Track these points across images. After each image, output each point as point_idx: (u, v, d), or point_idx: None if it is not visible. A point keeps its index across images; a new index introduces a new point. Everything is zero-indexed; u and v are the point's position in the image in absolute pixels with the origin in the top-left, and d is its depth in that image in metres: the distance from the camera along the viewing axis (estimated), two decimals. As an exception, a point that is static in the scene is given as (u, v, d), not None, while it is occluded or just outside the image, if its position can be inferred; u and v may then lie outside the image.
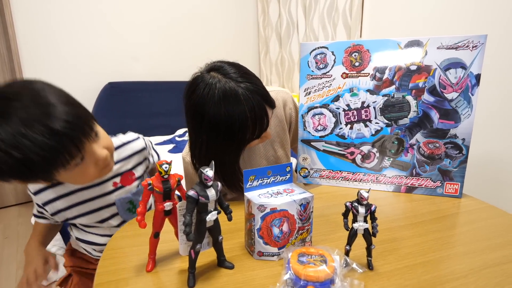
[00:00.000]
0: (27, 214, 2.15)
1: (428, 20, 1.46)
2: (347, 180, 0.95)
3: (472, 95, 0.84)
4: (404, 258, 0.60)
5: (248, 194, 0.60)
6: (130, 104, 2.10)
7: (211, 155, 0.75)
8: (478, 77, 0.83)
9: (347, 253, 0.56)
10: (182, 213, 0.50)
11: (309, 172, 0.98)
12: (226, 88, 0.68)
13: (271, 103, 0.77)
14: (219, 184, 0.52)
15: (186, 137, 2.04)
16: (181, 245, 0.53)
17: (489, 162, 1.20)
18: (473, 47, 0.82)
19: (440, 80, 0.85)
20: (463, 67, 0.84)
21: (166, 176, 0.52)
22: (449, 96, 0.85)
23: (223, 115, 0.68)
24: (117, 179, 0.79)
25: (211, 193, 0.49)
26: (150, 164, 0.90)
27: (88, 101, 2.02)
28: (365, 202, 0.53)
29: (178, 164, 1.58)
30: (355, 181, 0.95)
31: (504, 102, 1.19)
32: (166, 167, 0.51)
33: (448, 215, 0.79)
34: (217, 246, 0.54)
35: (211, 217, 0.50)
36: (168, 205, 0.54)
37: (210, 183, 0.49)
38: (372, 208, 0.54)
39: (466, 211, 0.81)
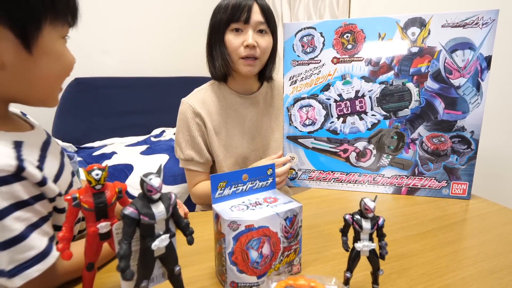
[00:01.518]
0: None
1: (423, 7, 1.35)
2: (340, 182, 0.82)
3: (482, 80, 0.73)
4: (418, 282, 0.48)
5: (217, 207, 0.46)
6: (100, 102, 1.91)
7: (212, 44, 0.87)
8: (488, 59, 0.72)
9: (347, 281, 0.42)
10: (119, 239, 0.35)
11: (296, 173, 0.85)
12: None
13: None
14: (173, 195, 0.38)
15: (163, 138, 1.88)
16: (122, 281, 0.39)
17: (498, 158, 1.09)
18: (483, 24, 0.71)
19: (445, 64, 0.73)
20: (472, 48, 0.72)
21: (98, 187, 0.38)
22: (455, 82, 0.73)
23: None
24: None
25: (159, 210, 0.35)
26: None
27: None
28: (370, 215, 0.40)
29: (150, 166, 1.42)
30: (349, 182, 0.82)
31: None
32: (97, 175, 0.37)
33: (459, 221, 0.67)
34: (174, 279, 0.40)
35: (159, 243, 0.35)
36: (103, 227, 0.39)
37: (156, 196, 0.35)
38: (380, 222, 0.41)
39: (478, 216, 0.70)
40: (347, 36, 0.76)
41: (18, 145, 0.41)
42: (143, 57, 2.26)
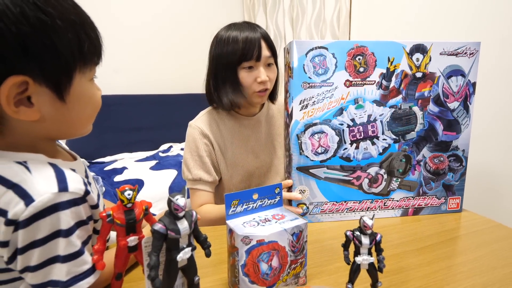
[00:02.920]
0: None
1: (417, 30, 1.42)
2: (353, 211, 0.80)
3: (470, 104, 0.80)
4: (415, 294, 0.52)
5: (230, 223, 0.51)
6: (110, 118, 1.99)
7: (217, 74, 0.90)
8: (474, 85, 0.79)
9: (349, 292, 0.47)
10: (148, 251, 0.40)
11: (308, 208, 0.79)
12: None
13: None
14: (194, 213, 0.43)
15: (170, 153, 1.94)
16: (149, 289, 0.43)
17: (480, 173, 1.16)
18: (470, 54, 0.77)
19: (443, 89, 0.78)
20: (463, 75, 0.78)
21: (129, 205, 0.43)
22: (451, 105, 0.79)
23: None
24: None
25: (183, 226, 0.40)
26: None
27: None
28: (369, 231, 0.45)
29: (159, 181, 1.47)
30: (362, 210, 0.80)
31: (492, 110, 1.15)
32: (129, 194, 0.42)
33: (456, 237, 0.71)
34: (193, 289, 0.45)
35: (183, 255, 0.40)
36: (132, 240, 0.44)
37: (181, 214, 0.40)
38: (378, 238, 0.45)
39: (474, 232, 0.74)
40: (359, 59, 0.75)
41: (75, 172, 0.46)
42: (150, 75, 2.35)
